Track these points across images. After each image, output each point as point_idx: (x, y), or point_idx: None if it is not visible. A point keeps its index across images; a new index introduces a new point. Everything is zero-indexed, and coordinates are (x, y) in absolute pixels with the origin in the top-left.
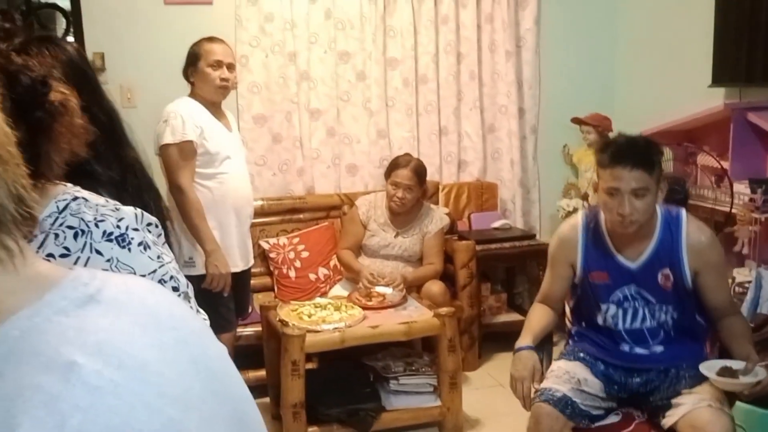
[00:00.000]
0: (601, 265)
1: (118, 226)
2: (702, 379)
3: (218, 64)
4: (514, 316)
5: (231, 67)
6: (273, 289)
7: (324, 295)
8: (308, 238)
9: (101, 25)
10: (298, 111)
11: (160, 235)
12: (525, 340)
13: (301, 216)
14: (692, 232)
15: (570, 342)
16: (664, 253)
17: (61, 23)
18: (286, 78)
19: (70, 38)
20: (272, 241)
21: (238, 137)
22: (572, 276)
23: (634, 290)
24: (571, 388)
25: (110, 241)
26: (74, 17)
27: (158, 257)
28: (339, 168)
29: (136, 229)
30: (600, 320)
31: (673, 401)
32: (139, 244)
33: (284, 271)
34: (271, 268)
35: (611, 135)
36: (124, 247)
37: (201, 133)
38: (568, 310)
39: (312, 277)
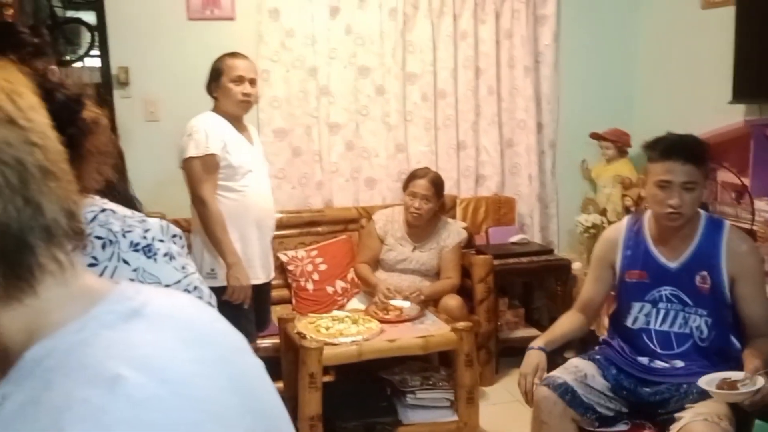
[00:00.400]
0: (640, 264)
1: (145, 237)
2: (708, 395)
3: (240, 80)
4: (532, 332)
5: (253, 82)
6: (291, 302)
7: (341, 308)
8: (326, 251)
9: (126, 39)
10: (317, 125)
11: (183, 246)
12: (538, 341)
13: (320, 229)
14: (733, 238)
15: (596, 347)
16: (703, 256)
17: (86, 37)
18: (306, 92)
19: (95, 52)
20: (290, 253)
21: (261, 151)
22: (612, 279)
23: (671, 292)
24: (575, 378)
25: (137, 251)
26: (100, 32)
27: (183, 267)
28: (357, 182)
29: (161, 240)
30: (630, 321)
31: (676, 415)
32: (165, 254)
33: (302, 283)
34: (289, 281)
35: (629, 150)
36: (150, 257)
37: (224, 146)
38: (606, 319)
39: (330, 290)
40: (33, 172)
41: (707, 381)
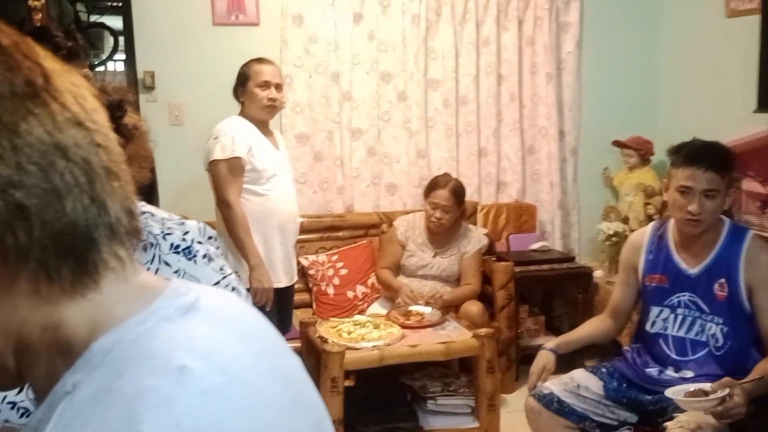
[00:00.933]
0: (661, 269)
1: (184, 239)
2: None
3: (266, 85)
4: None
5: (279, 87)
6: (311, 306)
7: (362, 313)
8: (347, 255)
9: (152, 44)
10: (339, 130)
11: (218, 247)
12: (551, 343)
13: (340, 234)
14: (753, 247)
15: (614, 359)
16: (722, 263)
17: (109, 42)
18: (329, 98)
19: (119, 56)
20: (311, 257)
21: (286, 156)
22: (637, 282)
23: (689, 298)
24: (564, 389)
25: (177, 253)
26: (126, 36)
27: (221, 269)
28: (378, 187)
29: (199, 242)
30: (648, 326)
31: (665, 425)
32: (204, 256)
33: (323, 288)
34: (310, 285)
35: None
36: (190, 259)
37: (249, 150)
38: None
39: (350, 294)
40: (98, 171)
41: (675, 390)
